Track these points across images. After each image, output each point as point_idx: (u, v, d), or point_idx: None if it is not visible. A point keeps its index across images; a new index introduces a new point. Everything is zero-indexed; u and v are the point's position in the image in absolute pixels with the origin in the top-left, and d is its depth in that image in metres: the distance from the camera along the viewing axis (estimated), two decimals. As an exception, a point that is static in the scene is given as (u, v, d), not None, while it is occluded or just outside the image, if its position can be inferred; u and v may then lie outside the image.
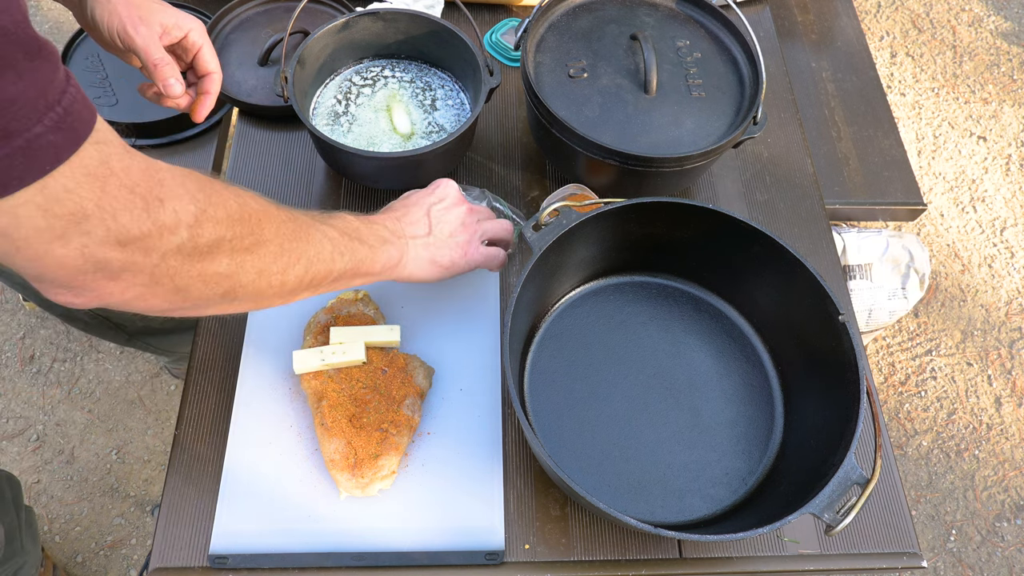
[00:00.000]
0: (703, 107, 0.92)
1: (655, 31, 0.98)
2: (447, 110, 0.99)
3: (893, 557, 0.80)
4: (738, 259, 0.84)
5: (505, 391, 0.84)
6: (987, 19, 2.51)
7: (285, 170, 1.01)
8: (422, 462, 0.79)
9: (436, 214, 0.79)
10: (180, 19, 0.79)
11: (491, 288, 0.91)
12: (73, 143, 0.43)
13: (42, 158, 0.42)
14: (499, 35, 1.16)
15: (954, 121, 2.27)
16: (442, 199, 0.81)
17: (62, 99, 0.42)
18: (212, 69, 0.84)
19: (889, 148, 1.48)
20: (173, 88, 0.79)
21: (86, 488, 1.57)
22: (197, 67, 0.84)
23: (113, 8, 0.74)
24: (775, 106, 1.15)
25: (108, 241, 0.47)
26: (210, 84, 0.85)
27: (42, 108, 0.41)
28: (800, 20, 1.62)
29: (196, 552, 0.75)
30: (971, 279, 2.00)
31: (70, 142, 0.43)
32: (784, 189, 1.06)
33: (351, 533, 0.75)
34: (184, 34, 0.80)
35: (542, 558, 0.77)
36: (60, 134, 0.42)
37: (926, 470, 1.73)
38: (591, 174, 0.95)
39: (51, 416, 1.66)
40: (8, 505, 1.14)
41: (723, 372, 0.86)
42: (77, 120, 0.43)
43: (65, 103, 0.42)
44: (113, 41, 0.76)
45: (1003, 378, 1.86)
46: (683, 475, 0.80)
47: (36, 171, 0.42)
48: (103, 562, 1.50)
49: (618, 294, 0.91)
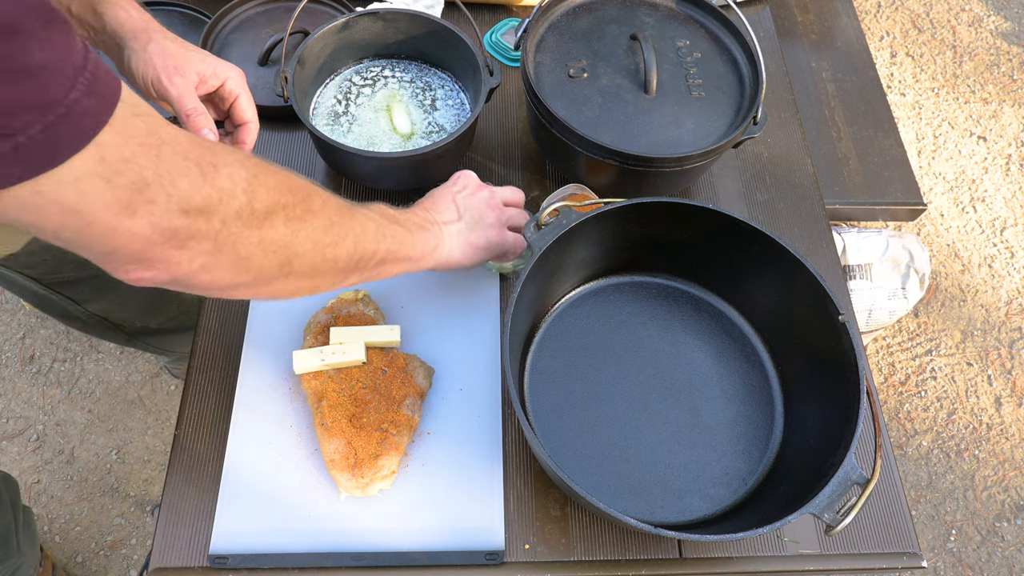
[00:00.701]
0: (703, 107, 0.92)
1: (655, 31, 0.98)
2: (447, 110, 0.99)
3: (893, 557, 0.80)
4: (738, 259, 0.84)
5: (505, 391, 0.84)
6: (987, 19, 2.51)
7: (285, 170, 1.01)
8: (422, 462, 0.79)
9: (462, 200, 0.82)
10: (218, 67, 0.78)
11: (491, 288, 0.91)
12: (107, 107, 0.44)
13: (85, 123, 0.42)
14: (499, 35, 1.16)
15: (954, 121, 2.27)
16: (464, 187, 0.84)
17: (87, 64, 0.43)
18: (249, 119, 0.83)
19: (889, 148, 1.48)
20: (206, 138, 0.79)
21: (86, 488, 1.57)
22: (234, 116, 0.83)
23: (148, 58, 0.74)
24: (775, 106, 1.15)
25: (171, 209, 0.48)
26: (246, 134, 0.84)
27: (71, 73, 0.41)
28: (800, 20, 1.62)
29: (196, 552, 0.75)
30: (971, 279, 2.00)
31: (104, 106, 0.44)
32: (784, 189, 1.06)
33: (351, 533, 0.75)
34: (221, 83, 0.79)
35: (542, 558, 0.77)
36: (94, 98, 0.43)
37: (926, 470, 1.73)
38: (591, 174, 0.95)
39: (51, 416, 1.66)
40: (5, 506, 1.13)
41: (723, 372, 0.86)
42: (105, 85, 0.44)
43: (90, 68, 0.43)
44: (147, 90, 0.76)
45: (1003, 378, 1.86)
46: (683, 475, 0.80)
47: (82, 137, 0.42)
48: (103, 562, 1.50)
49: (618, 294, 0.91)
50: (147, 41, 0.74)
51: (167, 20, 1.36)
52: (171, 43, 0.76)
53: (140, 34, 0.74)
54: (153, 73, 0.74)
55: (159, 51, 0.74)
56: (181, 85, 0.75)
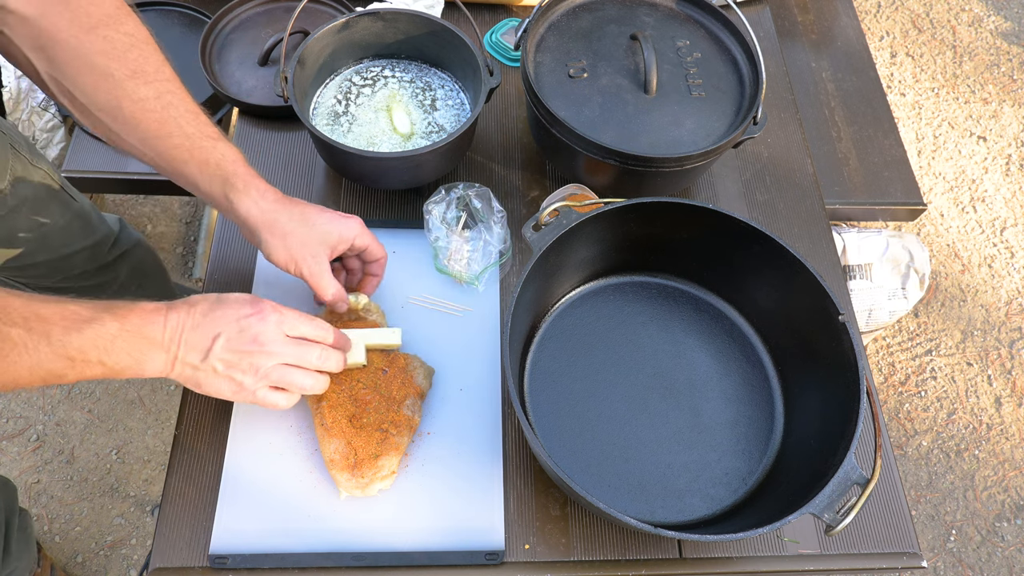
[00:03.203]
0: (703, 107, 0.92)
1: (655, 31, 0.98)
2: (447, 110, 0.99)
3: (893, 557, 0.80)
4: (738, 259, 0.84)
5: (505, 391, 0.84)
6: (987, 19, 2.51)
7: (285, 170, 1.01)
8: (422, 462, 0.79)
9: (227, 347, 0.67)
10: (343, 231, 0.79)
11: (491, 288, 0.91)
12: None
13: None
14: (499, 35, 1.16)
15: (954, 121, 2.27)
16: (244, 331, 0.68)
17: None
18: (378, 256, 0.84)
19: (889, 148, 1.48)
20: (340, 309, 0.82)
21: (86, 488, 1.57)
22: (365, 258, 0.84)
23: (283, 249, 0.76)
24: (775, 106, 1.15)
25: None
26: (379, 268, 0.85)
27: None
28: (800, 20, 1.62)
29: (196, 552, 0.75)
30: (971, 279, 2.00)
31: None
32: (784, 189, 1.06)
33: (351, 533, 0.75)
34: (349, 244, 0.80)
35: (542, 558, 0.77)
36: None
37: (926, 470, 1.73)
38: (591, 174, 0.95)
39: (51, 416, 1.66)
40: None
41: (723, 372, 0.86)
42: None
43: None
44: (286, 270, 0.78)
45: (1003, 378, 1.86)
46: (683, 475, 0.80)
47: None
48: (103, 562, 1.50)
49: (618, 294, 0.91)
50: (279, 234, 0.76)
51: (167, 20, 1.36)
52: (299, 224, 0.77)
53: (272, 226, 0.76)
54: (293, 265, 0.77)
55: (293, 242, 0.76)
56: (316, 270, 0.77)
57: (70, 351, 0.61)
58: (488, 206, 0.92)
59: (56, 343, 0.60)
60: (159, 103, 0.71)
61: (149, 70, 0.70)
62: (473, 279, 0.90)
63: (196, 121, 0.73)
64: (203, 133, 0.74)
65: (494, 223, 0.91)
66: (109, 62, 0.68)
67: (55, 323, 0.60)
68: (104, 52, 0.68)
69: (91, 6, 0.68)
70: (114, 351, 0.63)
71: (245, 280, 0.90)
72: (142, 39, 0.71)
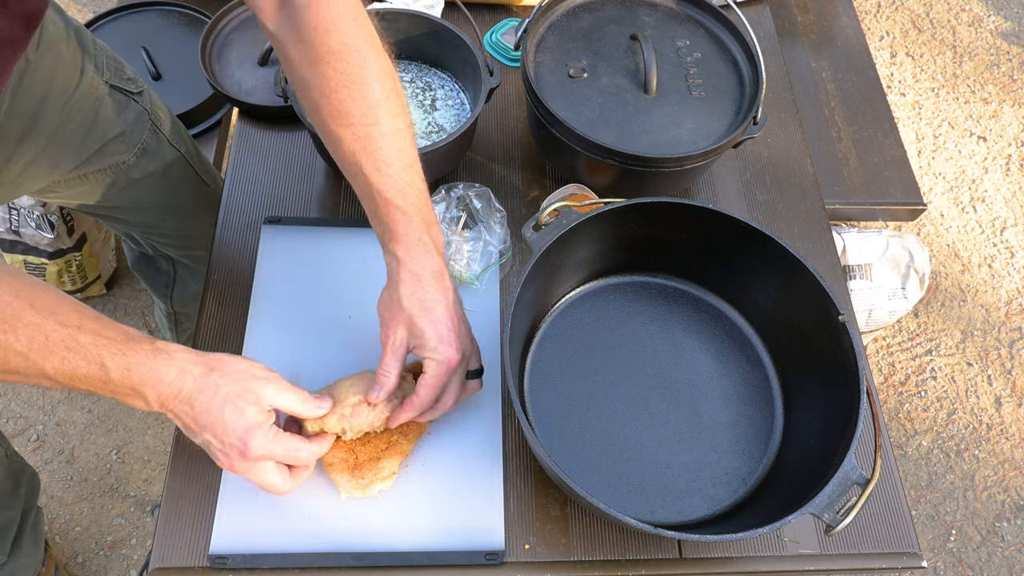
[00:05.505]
0: (703, 107, 0.93)
1: (655, 31, 0.98)
2: (447, 110, 0.99)
3: (893, 557, 0.80)
4: (738, 259, 0.84)
5: (505, 391, 0.84)
6: (987, 19, 2.51)
7: (285, 170, 1.01)
8: (422, 462, 0.79)
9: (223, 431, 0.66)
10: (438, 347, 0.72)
11: (491, 288, 0.91)
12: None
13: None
14: (499, 35, 1.16)
15: (954, 121, 2.27)
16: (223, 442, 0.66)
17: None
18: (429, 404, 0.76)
19: (889, 148, 1.48)
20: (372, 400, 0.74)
21: (86, 488, 1.57)
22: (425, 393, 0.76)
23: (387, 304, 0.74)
24: (775, 106, 1.15)
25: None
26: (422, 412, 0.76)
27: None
28: (800, 20, 1.62)
29: (196, 552, 0.75)
30: (971, 279, 2.00)
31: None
32: (784, 189, 1.06)
33: (351, 533, 0.75)
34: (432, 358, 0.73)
35: (542, 558, 0.77)
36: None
37: (926, 470, 1.73)
38: (591, 174, 0.95)
39: (51, 416, 1.65)
40: (17, 500, 1.13)
41: (723, 372, 0.86)
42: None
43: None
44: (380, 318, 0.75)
45: (1003, 378, 1.86)
46: (683, 475, 0.80)
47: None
48: (103, 562, 1.50)
49: (618, 294, 0.91)
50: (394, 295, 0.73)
51: (167, 20, 1.36)
52: (407, 298, 0.72)
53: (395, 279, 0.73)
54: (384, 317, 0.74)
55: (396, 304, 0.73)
56: (390, 346, 0.73)
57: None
58: (488, 206, 0.92)
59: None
60: (355, 145, 0.71)
61: (354, 112, 0.70)
62: (473, 279, 0.90)
63: (379, 175, 0.71)
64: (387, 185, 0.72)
65: (494, 223, 0.91)
66: (320, 98, 0.70)
67: None
68: (319, 88, 0.70)
69: (317, 41, 0.68)
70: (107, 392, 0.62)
71: (245, 284, 0.90)
72: (357, 78, 0.69)
